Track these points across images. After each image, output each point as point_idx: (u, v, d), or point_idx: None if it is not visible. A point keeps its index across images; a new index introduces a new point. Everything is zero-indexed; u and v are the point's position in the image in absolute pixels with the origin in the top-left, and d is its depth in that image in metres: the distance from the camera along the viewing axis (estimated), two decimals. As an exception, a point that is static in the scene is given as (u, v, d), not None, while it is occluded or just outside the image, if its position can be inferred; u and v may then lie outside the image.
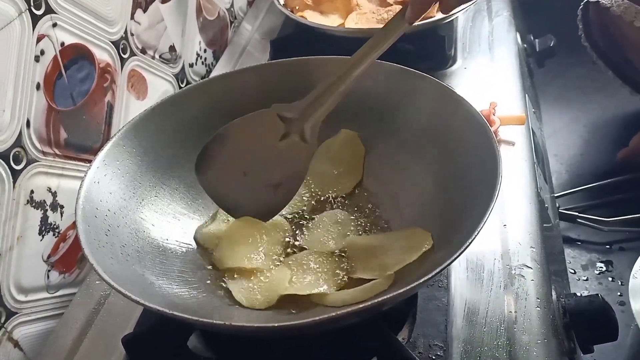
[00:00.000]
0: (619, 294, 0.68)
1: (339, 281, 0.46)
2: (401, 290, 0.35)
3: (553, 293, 0.50)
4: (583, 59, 0.88)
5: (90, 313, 0.52)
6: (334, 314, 0.34)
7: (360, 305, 0.34)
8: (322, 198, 0.54)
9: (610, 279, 0.70)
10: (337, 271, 0.47)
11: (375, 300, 0.34)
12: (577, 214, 0.76)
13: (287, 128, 0.48)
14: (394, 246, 0.48)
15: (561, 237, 0.66)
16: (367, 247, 0.49)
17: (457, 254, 0.36)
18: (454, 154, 0.47)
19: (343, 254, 0.49)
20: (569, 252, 0.73)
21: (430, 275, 0.35)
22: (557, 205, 0.73)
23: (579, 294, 0.51)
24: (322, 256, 0.48)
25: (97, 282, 0.55)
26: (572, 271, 0.71)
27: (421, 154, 0.50)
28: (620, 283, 0.70)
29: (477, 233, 0.37)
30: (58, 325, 0.52)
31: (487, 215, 0.38)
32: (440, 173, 0.48)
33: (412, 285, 0.35)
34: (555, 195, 0.76)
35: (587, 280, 0.71)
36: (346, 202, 0.54)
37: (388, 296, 0.35)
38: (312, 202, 0.54)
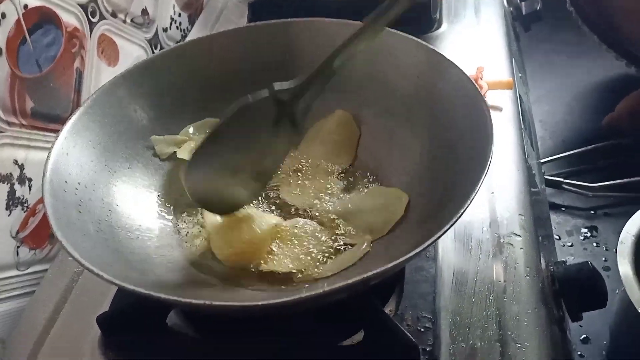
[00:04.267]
0: (603, 259, 0.68)
1: (324, 253, 0.45)
2: (395, 262, 0.33)
3: (542, 261, 0.49)
4: (569, 23, 0.87)
5: (63, 291, 0.49)
6: (321, 290, 0.32)
7: (350, 281, 0.32)
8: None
9: (595, 244, 0.70)
10: (322, 242, 0.45)
11: (366, 275, 0.32)
12: (562, 180, 0.75)
13: (280, 112, 0.43)
14: (368, 208, 0.46)
15: (548, 204, 0.65)
16: (341, 213, 0.47)
17: (451, 222, 0.34)
18: (444, 121, 0.45)
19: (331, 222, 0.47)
20: (553, 219, 0.72)
21: (425, 245, 0.34)
22: (543, 171, 0.72)
23: (568, 262, 0.50)
24: (305, 225, 0.46)
25: (69, 258, 0.52)
26: (557, 237, 0.71)
27: (410, 121, 0.48)
28: (605, 248, 0.69)
29: (471, 201, 0.36)
30: (29, 304, 0.50)
31: (479, 184, 0.36)
32: (430, 141, 0.46)
33: (407, 256, 0.33)
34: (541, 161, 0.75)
35: (572, 246, 0.70)
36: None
37: (380, 270, 0.33)
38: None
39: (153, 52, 0.76)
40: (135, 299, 0.43)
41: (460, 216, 0.35)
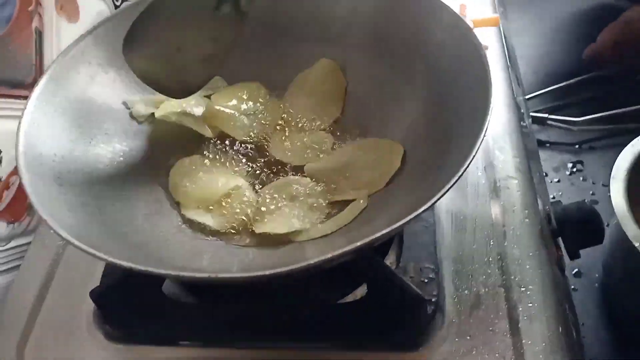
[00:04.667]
0: (591, 192, 0.68)
1: (319, 213, 0.43)
2: (403, 221, 0.32)
3: (539, 202, 0.48)
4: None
5: (50, 265, 0.47)
6: (330, 255, 0.30)
7: (358, 244, 0.31)
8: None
9: (581, 178, 0.70)
10: (318, 199, 0.43)
11: (373, 236, 0.31)
12: (547, 115, 0.75)
13: None
14: (363, 161, 0.45)
15: (536, 141, 0.65)
16: (334, 168, 0.45)
17: (456, 177, 0.33)
18: (437, 66, 0.43)
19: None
20: (539, 156, 0.72)
21: (433, 201, 0.32)
22: (528, 108, 0.72)
23: (562, 200, 0.50)
24: (299, 182, 0.45)
25: (51, 230, 0.50)
26: (544, 174, 0.70)
27: (400, 68, 0.46)
28: (592, 182, 0.69)
29: (474, 156, 0.34)
30: (15, 282, 0.47)
31: (481, 136, 0.35)
32: (423, 88, 0.44)
33: (416, 213, 0.32)
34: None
35: (559, 182, 0.70)
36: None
37: (387, 230, 0.31)
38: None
39: (115, 6, 0.71)
40: (127, 271, 0.41)
41: (464, 170, 0.34)
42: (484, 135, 0.35)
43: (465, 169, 0.34)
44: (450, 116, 0.40)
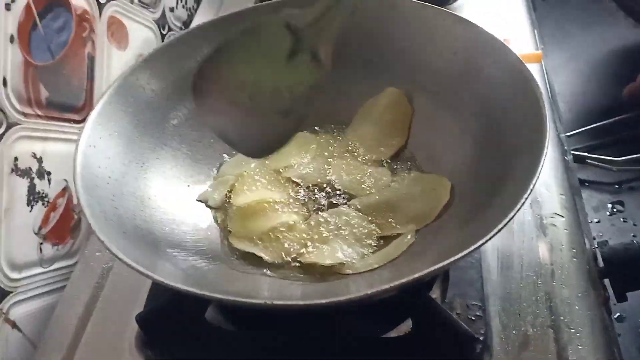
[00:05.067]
0: (632, 234, 0.67)
1: (367, 246, 0.43)
2: (448, 261, 0.31)
3: (586, 241, 0.47)
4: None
5: (94, 288, 0.48)
6: (386, 286, 0.30)
7: (403, 280, 0.30)
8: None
9: (622, 219, 0.69)
10: (366, 233, 0.43)
11: (418, 274, 0.31)
12: (586, 154, 0.74)
13: (297, 43, 0.39)
14: (411, 195, 0.45)
15: (577, 179, 0.64)
16: (384, 202, 0.45)
17: (508, 218, 0.33)
18: (492, 104, 0.43)
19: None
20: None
21: (481, 243, 0.32)
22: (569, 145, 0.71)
23: (603, 240, 0.49)
24: (349, 215, 0.45)
25: (97, 253, 0.50)
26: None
27: (454, 103, 0.46)
28: (633, 224, 0.68)
29: (526, 198, 0.34)
30: (60, 303, 0.48)
31: (535, 179, 0.34)
32: (476, 125, 0.44)
33: (461, 254, 0.32)
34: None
35: (599, 222, 0.69)
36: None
37: (432, 268, 0.31)
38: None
39: (161, 33, 0.73)
40: (173, 296, 0.41)
41: (517, 211, 0.33)
42: (539, 174, 0.35)
43: (519, 209, 0.33)
44: (502, 152, 0.40)
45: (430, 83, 0.48)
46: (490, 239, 0.33)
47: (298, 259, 0.43)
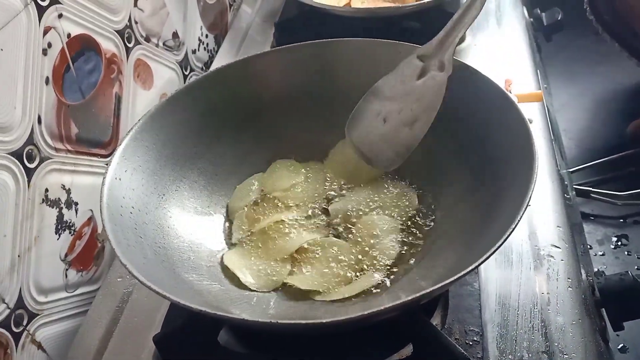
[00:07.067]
0: (636, 267, 0.69)
1: (342, 277, 0.46)
2: (447, 282, 0.34)
3: (582, 272, 0.49)
4: (589, 31, 0.87)
5: (115, 312, 0.51)
6: (383, 307, 0.33)
7: (407, 299, 0.33)
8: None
9: (626, 252, 0.71)
10: (347, 265, 0.46)
11: (418, 294, 0.34)
12: (590, 189, 0.76)
13: (425, 66, 0.50)
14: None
15: (580, 213, 0.66)
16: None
17: (498, 244, 0.35)
18: (488, 140, 0.46)
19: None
20: (583, 228, 0.73)
21: (470, 269, 0.35)
22: (572, 181, 0.73)
23: (606, 273, 0.51)
24: (338, 245, 0.48)
25: (118, 279, 0.54)
26: (589, 246, 0.71)
27: (452, 140, 0.49)
28: (637, 257, 0.70)
29: (517, 224, 0.36)
30: (82, 326, 0.51)
31: (524, 206, 0.37)
32: (473, 159, 0.47)
33: (459, 275, 0.35)
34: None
35: (603, 255, 0.71)
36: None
37: (430, 289, 0.34)
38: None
39: (184, 74, 0.77)
40: (188, 318, 0.44)
41: (507, 238, 0.36)
42: (527, 206, 0.38)
43: (507, 238, 0.36)
44: (496, 185, 0.43)
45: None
46: (474, 269, 0.35)
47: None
